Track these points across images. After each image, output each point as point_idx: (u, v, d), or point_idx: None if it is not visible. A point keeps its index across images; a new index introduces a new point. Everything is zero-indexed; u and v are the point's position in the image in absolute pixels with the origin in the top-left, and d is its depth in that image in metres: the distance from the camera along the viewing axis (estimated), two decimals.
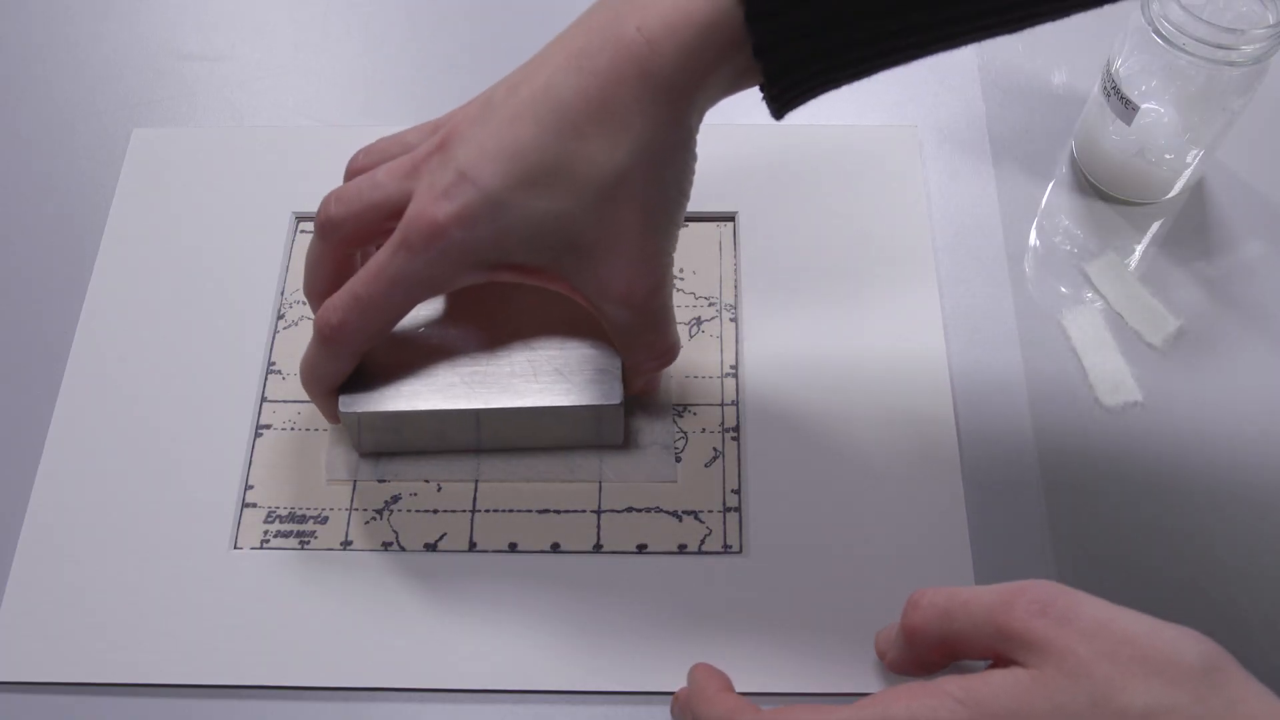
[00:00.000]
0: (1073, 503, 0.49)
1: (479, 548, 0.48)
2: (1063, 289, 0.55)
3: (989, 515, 0.49)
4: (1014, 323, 0.54)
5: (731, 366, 0.53)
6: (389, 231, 0.43)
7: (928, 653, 0.40)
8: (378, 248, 0.44)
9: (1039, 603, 0.35)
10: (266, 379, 0.53)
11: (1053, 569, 0.48)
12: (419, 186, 0.42)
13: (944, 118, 0.60)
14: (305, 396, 0.49)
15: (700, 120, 0.41)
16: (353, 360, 0.46)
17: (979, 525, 0.49)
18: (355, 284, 0.43)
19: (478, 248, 0.42)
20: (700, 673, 0.42)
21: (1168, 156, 0.55)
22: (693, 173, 0.43)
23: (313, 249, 0.45)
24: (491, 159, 0.41)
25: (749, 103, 0.41)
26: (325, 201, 0.44)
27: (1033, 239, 0.57)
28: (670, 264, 0.44)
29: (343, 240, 0.44)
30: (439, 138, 0.42)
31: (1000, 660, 0.36)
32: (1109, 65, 0.53)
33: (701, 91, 0.40)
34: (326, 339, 0.44)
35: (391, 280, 0.42)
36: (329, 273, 0.45)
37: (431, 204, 0.41)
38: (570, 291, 0.45)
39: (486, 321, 0.48)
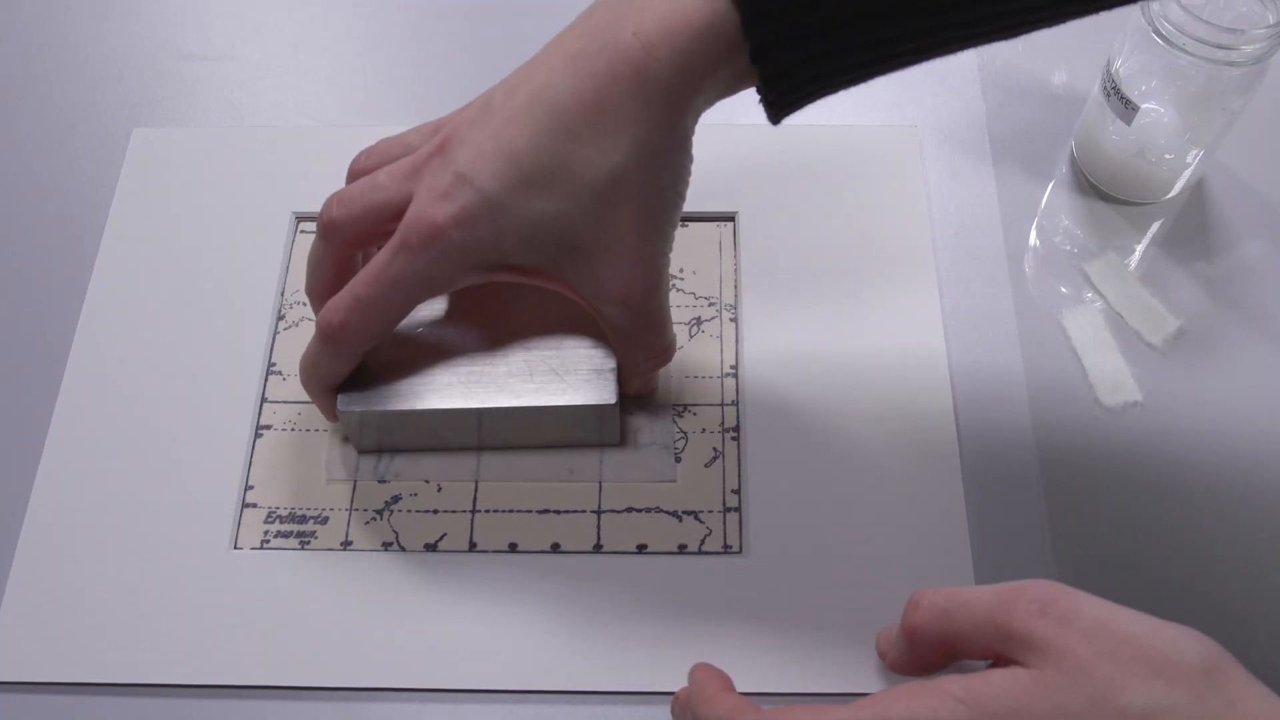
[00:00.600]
0: (1073, 502, 0.49)
1: (479, 548, 0.48)
2: (1063, 289, 0.55)
3: (989, 515, 0.49)
4: (1014, 323, 0.54)
5: (731, 366, 0.53)
6: (390, 233, 0.43)
7: (928, 653, 0.40)
8: (379, 249, 0.44)
9: (1039, 602, 0.35)
10: (267, 379, 0.53)
11: (1053, 569, 0.48)
12: (419, 189, 0.42)
13: (944, 118, 0.60)
14: (306, 397, 0.49)
15: (696, 121, 0.41)
16: (354, 360, 0.46)
17: (979, 525, 0.49)
18: (356, 285, 0.43)
19: (476, 249, 0.42)
20: (700, 673, 0.42)
21: (1168, 156, 0.55)
22: (689, 174, 0.43)
23: (315, 250, 0.46)
24: (489, 161, 0.41)
25: (749, 103, 0.41)
26: (327, 204, 0.44)
27: (1033, 239, 0.57)
28: (667, 264, 0.44)
29: (345, 242, 0.45)
30: (439, 140, 0.42)
31: (1000, 660, 0.36)
32: (1109, 65, 0.53)
33: (698, 95, 0.40)
34: (328, 339, 0.44)
35: (392, 281, 0.42)
36: (331, 274, 0.46)
37: (431, 206, 0.41)
38: (568, 291, 0.45)
39: (484, 322, 0.48)
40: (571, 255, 0.43)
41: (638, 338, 0.46)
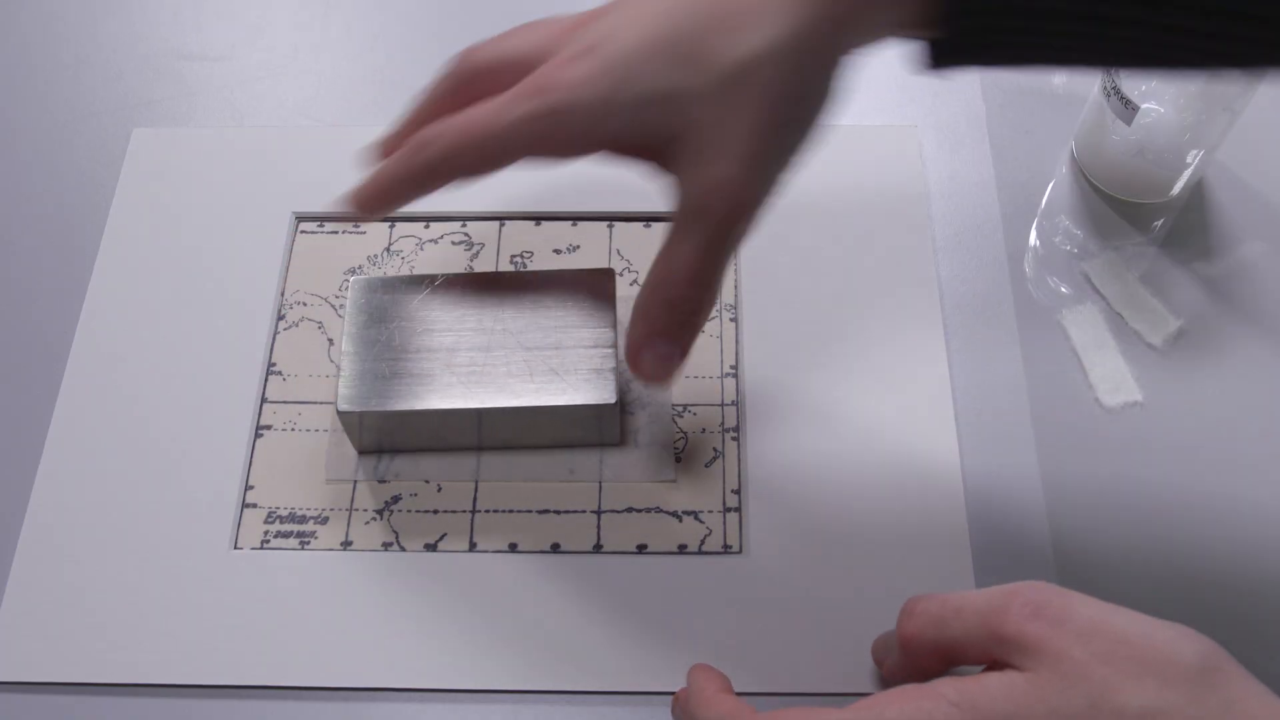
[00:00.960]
0: (1073, 502, 0.49)
1: (479, 548, 0.49)
2: (1063, 289, 0.55)
3: (989, 515, 0.49)
4: (1014, 323, 0.54)
5: (731, 366, 0.53)
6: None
7: (924, 660, 0.39)
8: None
9: (1032, 605, 0.35)
10: (267, 379, 0.53)
11: (1052, 569, 0.48)
12: (556, 51, 0.42)
13: (944, 118, 0.60)
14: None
15: (848, 54, 0.39)
16: (422, 187, 0.44)
17: (979, 525, 0.49)
18: (465, 115, 0.43)
19: (587, 112, 0.40)
20: (699, 673, 0.42)
21: (1168, 156, 0.55)
22: (829, 105, 0.40)
23: (434, 82, 0.45)
24: (625, 28, 0.40)
25: None
26: (467, 49, 0.45)
27: (1033, 239, 0.57)
28: (768, 193, 0.40)
29: (466, 83, 0.45)
30: (588, 13, 0.42)
31: (995, 664, 0.36)
32: None
33: (858, 19, 0.38)
34: (421, 146, 0.43)
35: (495, 124, 0.42)
36: (435, 102, 0.45)
37: (558, 65, 0.41)
38: (658, 178, 0.42)
39: (483, 323, 0.48)
40: (677, 141, 0.40)
41: (682, 249, 0.40)
